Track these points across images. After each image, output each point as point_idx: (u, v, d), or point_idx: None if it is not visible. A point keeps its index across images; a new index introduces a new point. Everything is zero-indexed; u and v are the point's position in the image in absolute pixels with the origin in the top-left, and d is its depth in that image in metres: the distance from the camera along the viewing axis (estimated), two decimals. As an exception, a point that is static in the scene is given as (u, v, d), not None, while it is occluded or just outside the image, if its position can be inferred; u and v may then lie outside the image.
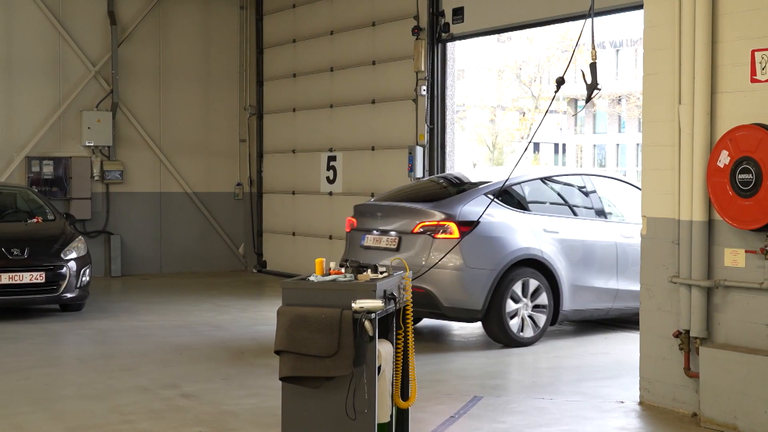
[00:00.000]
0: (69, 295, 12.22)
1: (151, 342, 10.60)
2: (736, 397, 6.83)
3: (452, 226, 9.89)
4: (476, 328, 11.69)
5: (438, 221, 9.98)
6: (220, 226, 18.16)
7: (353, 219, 10.95)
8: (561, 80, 7.71)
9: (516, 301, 10.19)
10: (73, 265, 12.24)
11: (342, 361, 5.44)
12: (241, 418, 7.27)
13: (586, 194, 11.16)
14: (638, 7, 10.15)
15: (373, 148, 15.20)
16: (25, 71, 16.46)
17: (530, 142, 9.67)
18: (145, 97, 17.47)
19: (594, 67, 7.63)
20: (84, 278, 12.39)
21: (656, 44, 7.59)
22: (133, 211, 17.37)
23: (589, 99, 7.73)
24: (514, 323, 10.17)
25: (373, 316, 5.45)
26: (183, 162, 17.83)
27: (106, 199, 17.10)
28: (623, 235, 10.95)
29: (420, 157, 13.89)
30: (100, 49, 17.04)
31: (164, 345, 10.43)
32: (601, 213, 11.08)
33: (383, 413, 5.79)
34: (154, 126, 17.57)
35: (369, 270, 5.81)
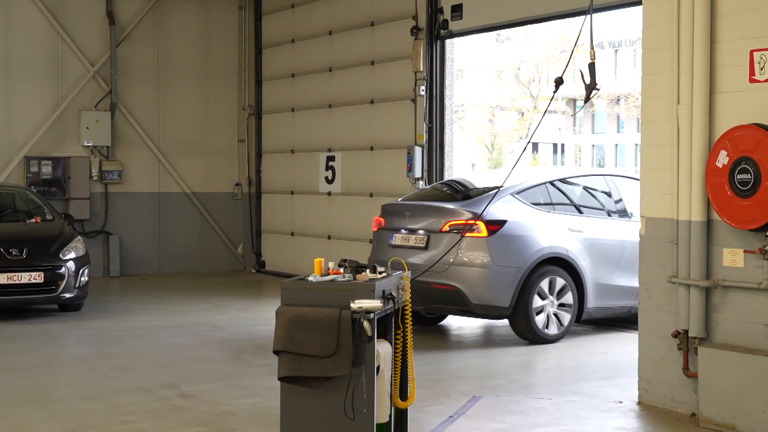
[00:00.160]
0: (68, 295, 12.21)
1: (149, 342, 10.60)
2: (734, 397, 6.83)
3: (480, 224, 10.12)
4: (475, 328, 11.70)
5: (466, 220, 10.21)
6: (219, 226, 18.16)
7: (381, 218, 11.16)
8: (560, 80, 7.71)
9: (542, 298, 10.40)
10: (71, 265, 12.23)
11: (341, 361, 5.45)
12: (240, 418, 7.27)
13: (609, 194, 11.34)
14: (637, 2, 10.15)
15: (371, 148, 15.20)
16: (24, 71, 16.45)
17: (529, 142, 9.70)
18: (143, 97, 17.46)
19: (592, 67, 7.63)
20: (83, 278, 12.39)
21: (655, 44, 7.59)
22: (132, 211, 17.36)
23: (587, 99, 7.74)
24: (539, 320, 10.37)
25: (371, 316, 5.45)
26: (182, 162, 17.83)
27: (104, 199, 17.09)
28: None
29: (419, 157, 13.88)
30: (99, 49, 17.03)
31: (163, 345, 10.42)
32: (623, 212, 11.23)
33: (382, 413, 5.79)
34: (152, 126, 17.56)
35: (368, 270, 5.81)
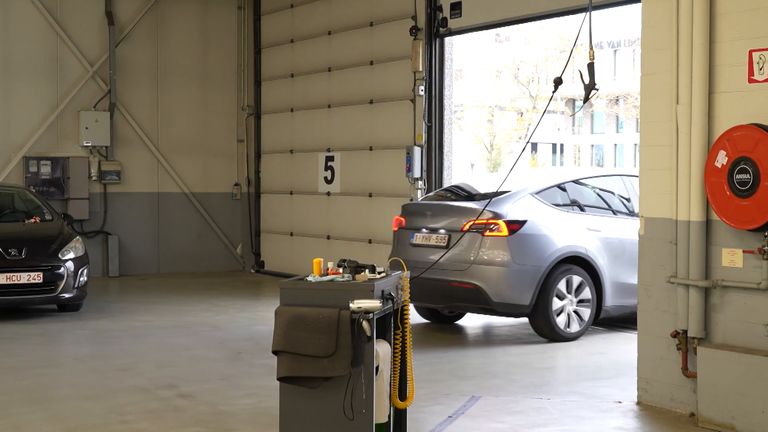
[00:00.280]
0: (67, 295, 12.21)
1: (148, 342, 10.59)
2: (733, 397, 6.83)
3: (501, 224, 10.22)
4: (475, 327, 11.70)
5: (487, 219, 10.31)
6: (218, 227, 18.15)
7: (401, 218, 11.26)
8: (559, 80, 7.71)
9: (561, 297, 10.51)
10: (70, 265, 12.23)
11: (340, 362, 5.44)
12: (239, 418, 7.27)
13: (625, 194, 11.44)
14: (637, 0, 10.13)
15: (371, 149, 15.19)
16: (23, 71, 16.44)
17: (528, 142, 9.71)
18: (142, 97, 17.45)
19: (592, 67, 7.62)
20: (82, 278, 12.38)
21: (654, 44, 7.59)
22: (131, 211, 17.35)
23: (586, 99, 7.73)
24: (560, 319, 10.50)
25: (371, 316, 5.45)
26: (181, 162, 17.82)
27: (103, 199, 17.09)
28: None
29: (418, 157, 13.88)
30: (98, 49, 17.03)
31: (162, 345, 10.42)
32: None
33: (381, 413, 5.78)
34: (151, 126, 17.55)
35: (367, 270, 5.81)
